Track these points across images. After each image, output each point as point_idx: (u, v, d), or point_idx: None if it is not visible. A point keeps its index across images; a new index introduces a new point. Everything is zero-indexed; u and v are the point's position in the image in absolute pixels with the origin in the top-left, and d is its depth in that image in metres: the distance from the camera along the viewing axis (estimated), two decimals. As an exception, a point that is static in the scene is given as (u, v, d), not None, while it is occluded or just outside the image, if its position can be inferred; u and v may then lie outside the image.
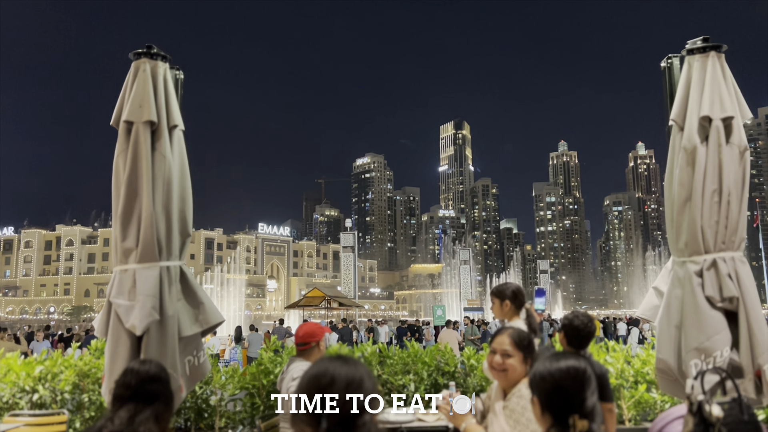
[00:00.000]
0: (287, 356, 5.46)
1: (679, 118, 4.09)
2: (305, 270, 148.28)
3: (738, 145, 3.95)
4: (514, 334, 2.80)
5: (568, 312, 4.56)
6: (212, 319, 4.21)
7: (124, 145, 4.04)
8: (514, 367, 2.73)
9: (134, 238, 3.97)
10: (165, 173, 4.05)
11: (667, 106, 4.50)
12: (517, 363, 2.74)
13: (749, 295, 3.84)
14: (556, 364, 1.84)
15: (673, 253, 4.10)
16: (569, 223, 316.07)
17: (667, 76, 4.65)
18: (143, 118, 4.01)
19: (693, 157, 3.95)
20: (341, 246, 50.10)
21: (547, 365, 1.85)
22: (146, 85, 4.09)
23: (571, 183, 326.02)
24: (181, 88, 4.69)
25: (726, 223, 3.91)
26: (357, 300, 47.34)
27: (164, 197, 4.03)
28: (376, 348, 5.59)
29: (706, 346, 3.76)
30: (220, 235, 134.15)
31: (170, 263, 4.06)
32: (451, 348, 5.54)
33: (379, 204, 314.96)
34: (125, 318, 3.88)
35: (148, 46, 4.21)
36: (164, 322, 3.93)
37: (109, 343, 3.98)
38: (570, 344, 3.88)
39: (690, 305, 3.88)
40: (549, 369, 1.84)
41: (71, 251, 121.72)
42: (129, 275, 3.96)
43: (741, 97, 4.09)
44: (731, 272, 3.86)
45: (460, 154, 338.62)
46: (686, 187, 3.98)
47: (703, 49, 4.11)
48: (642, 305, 4.34)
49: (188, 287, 4.20)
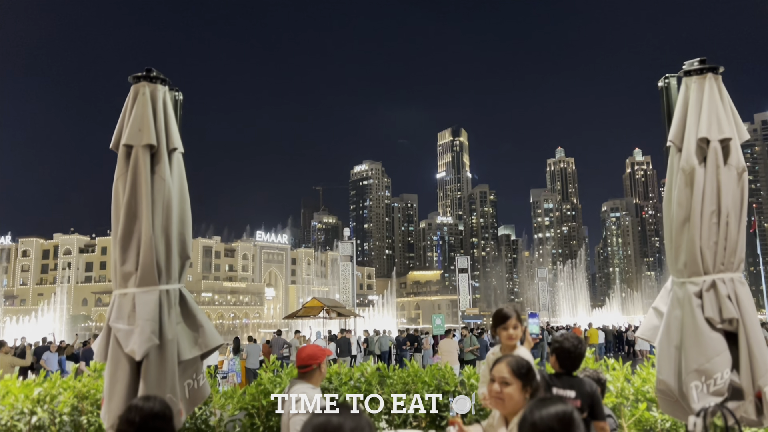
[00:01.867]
0: (287, 376, 5.45)
1: (677, 139, 4.11)
2: (303, 277, 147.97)
3: (736, 167, 3.97)
4: (512, 362, 2.79)
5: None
6: (212, 342, 4.20)
7: (124, 169, 4.04)
8: (512, 396, 2.72)
9: (134, 261, 3.97)
10: (164, 196, 4.04)
11: (665, 125, 4.51)
12: (515, 391, 2.73)
13: (749, 316, 3.84)
14: (545, 411, 1.88)
15: (672, 273, 4.10)
16: (567, 230, 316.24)
17: (664, 95, 4.67)
18: (143, 141, 4.01)
19: (691, 178, 3.97)
20: (339, 255, 50.09)
21: (536, 412, 1.90)
22: (146, 108, 4.09)
23: (569, 189, 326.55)
24: (180, 109, 4.69)
25: (725, 244, 3.92)
26: (355, 308, 47.27)
27: (164, 220, 4.03)
28: (375, 367, 5.59)
29: (707, 368, 3.77)
30: (218, 243, 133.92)
31: (170, 286, 4.06)
32: (452, 367, 5.54)
33: (377, 211, 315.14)
34: (125, 342, 3.87)
35: (148, 69, 4.22)
36: (164, 346, 3.92)
37: (108, 367, 3.96)
38: (561, 366, 3.88)
39: (690, 326, 3.88)
40: (540, 415, 1.89)
41: (69, 260, 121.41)
42: (128, 299, 3.96)
43: (738, 119, 4.12)
44: (731, 293, 3.87)
45: (457, 161, 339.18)
46: (685, 207, 3.99)
47: (700, 70, 4.13)
48: (642, 326, 4.34)
49: (187, 310, 4.19)
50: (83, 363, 15.46)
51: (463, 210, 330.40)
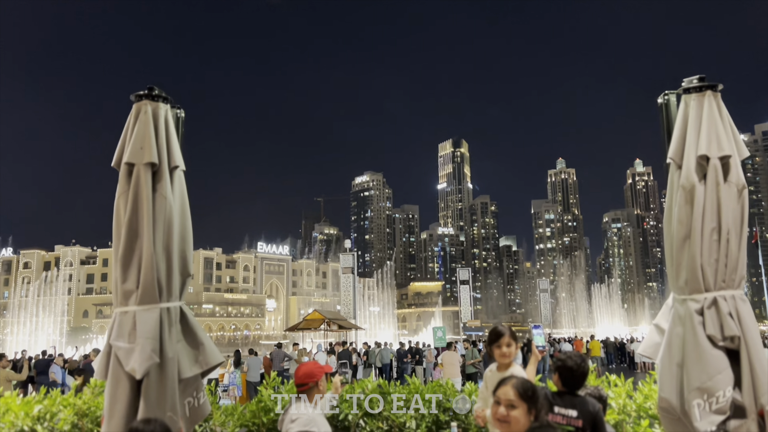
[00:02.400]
0: (287, 393, 5.43)
1: (677, 157, 4.12)
2: (304, 289, 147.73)
3: (736, 184, 3.98)
4: (518, 385, 2.79)
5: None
6: (212, 360, 4.19)
7: (125, 187, 4.06)
8: (518, 419, 2.72)
9: (135, 280, 3.97)
10: (166, 214, 4.06)
11: (665, 141, 4.52)
12: (521, 415, 2.72)
13: (750, 333, 3.83)
14: None
15: (673, 290, 4.10)
16: (568, 241, 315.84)
17: (664, 112, 4.68)
18: (144, 160, 4.03)
19: (691, 196, 3.97)
20: (341, 267, 50.01)
21: None
22: (147, 127, 4.12)
23: (570, 200, 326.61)
24: (182, 126, 4.71)
25: (726, 261, 3.92)
26: (357, 320, 47.15)
27: (165, 238, 4.04)
28: (376, 384, 5.57)
29: (709, 386, 3.75)
30: (219, 254, 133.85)
31: (170, 304, 4.06)
32: (453, 383, 5.52)
33: (378, 222, 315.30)
34: (125, 361, 3.87)
35: (150, 87, 4.24)
36: (164, 364, 3.92)
37: (108, 386, 3.95)
38: (564, 385, 3.87)
39: (691, 344, 3.87)
40: None
41: (70, 272, 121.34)
42: (129, 317, 3.96)
43: (738, 136, 4.13)
44: (732, 311, 3.86)
45: (458, 172, 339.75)
46: (685, 225, 3.99)
47: (699, 88, 4.15)
48: (643, 343, 4.33)
49: (188, 328, 4.20)
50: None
51: (465, 221, 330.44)
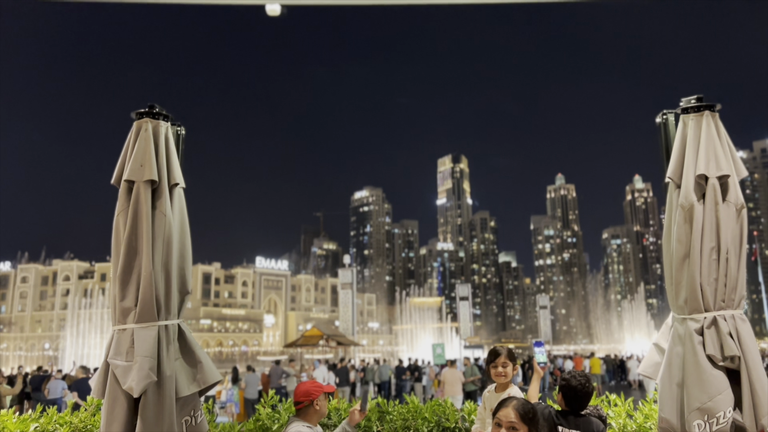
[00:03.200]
0: (285, 412, 5.40)
1: (675, 176, 4.14)
2: (303, 304, 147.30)
3: (735, 203, 3.99)
4: (519, 407, 2.78)
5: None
6: (210, 379, 4.17)
7: (125, 204, 4.07)
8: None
9: (133, 297, 3.97)
10: (165, 232, 4.06)
11: (663, 160, 4.54)
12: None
13: (751, 354, 3.82)
14: None
15: (673, 309, 4.10)
16: (568, 257, 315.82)
17: (662, 131, 4.70)
18: (144, 177, 4.04)
19: (690, 215, 3.99)
20: (339, 282, 49.86)
21: None
22: (148, 144, 4.13)
23: (569, 216, 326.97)
24: (182, 143, 4.73)
25: (725, 281, 3.92)
26: (355, 336, 46.95)
27: (164, 256, 4.04)
28: (375, 402, 5.53)
29: (709, 406, 3.73)
30: (217, 269, 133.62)
31: (169, 322, 4.05)
32: (452, 402, 5.49)
33: (377, 237, 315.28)
34: (123, 379, 3.85)
35: (151, 105, 4.27)
36: (162, 382, 3.90)
37: (105, 404, 3.93)
38: (568, 405, 3.86)
39: (691, 364, 3.86)
40: None
41: (68, 286, 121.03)
42: (127, 335, 3.94)
43: (736, 156, 4.15)
44: (732, 331, 3.85)
45: (458, 187, 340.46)
46: (684, 244, 4.00)
47: (697, 108, 4.18)
48: (643, 362, 4.32)
49: (186, 346, 4.18)
50: (76, 393, 15.32)
51: (464, 236, 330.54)
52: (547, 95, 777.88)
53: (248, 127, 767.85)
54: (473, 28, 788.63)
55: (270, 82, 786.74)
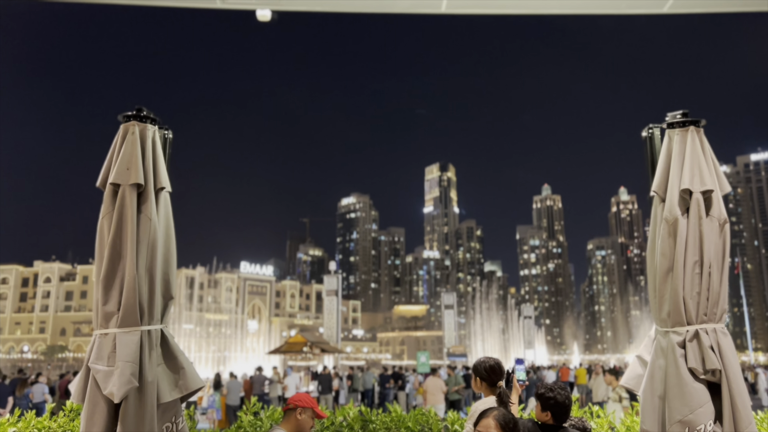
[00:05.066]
0: (267, 420, 5.36)
1: (660, 190, 4.19)
2: (287, 311, 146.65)
3: (718, 218, 4.04)
4: (500, 417, 2.78)
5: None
6: (192, 385, 4.13)
7: (110, 208, 4.03)
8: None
9: (116, 302, 3.92)
10: (150, 236, 4.03)
11: (649, 174, 4.60)
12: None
13: (732, 367, 3.86)
14: None
15: (656, 322, 4.13)
16: (553, 267, 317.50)
17: (648, 145, 4.75)
18: (130, 180, 4.00)
19: (674, 229, 4.03)
20: (325, 289, 49.72)
21: None
22: (134, 147, 4.10)
23: (555, 227, 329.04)
24: (169, 147, 4.69)
25: (708, 294, 3.96)
26: (339, 344, 46.76)
27: (148, 260, 4.01)
28: (357, 410, 5.51)
29: (690, 419, 3.76)
30: (201, 273, 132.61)
31: (152, 327, 4.01)
32: (435, 411, 5.47)
33: (363, 244, 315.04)
34: (103, 384, 3.80)
35: (138, 108, 4.24)
36: (143, 388, 3.86)
37: (85, 410, 3.88)
38: (554, 418, 3.86)
39: (673, 376, 3.90)
40: None
41: (48, 288, 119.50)
42: (109, 340, 3.89)
43: (720, 171, 4.21)
44: (713, 344, 3.89)
45: (445, 196, 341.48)
46: (668, 258, 4.04)
47: (682, 123, 4.23)
48: (626, 374, 4.35)
49: (169, 351, 4.13)
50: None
51: (450, 245, 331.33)
52: (534, 107, 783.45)
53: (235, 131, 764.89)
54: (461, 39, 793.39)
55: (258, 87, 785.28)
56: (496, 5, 6.95)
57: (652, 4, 6.51)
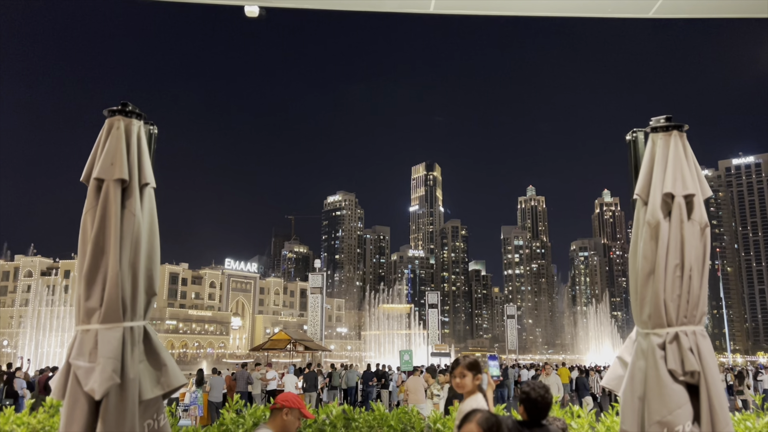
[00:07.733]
0: (250, 417, 5.33)
1: (643, 193, 4.23)
2: (271, 308, 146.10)
3: (699, 222, 4.09)
4: (483, 421, 2.79)
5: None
6: (174, 382, 4.10)
7: (94, 203, 3.99)
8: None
9: (98, 297, 3.89)
10: (134, 232, 3.99)
11: (632, 177, 4.64)
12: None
13: (710, 369, 3.92)
14: None
15: (637, 324, 4.18)
16: (536, 267, 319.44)
17: (632, 148, 4.80)
18: (114, 175, 3.97)
19: (656, 232, 4.07)
20: (309, 286, 49.57)
21: None
22: (119, 142, 4.06)
23: (539, 227, 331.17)
24: (154, 143, 4.66)
25: (688, 297, 4.01)
26: (323, 341, 46.67)
27: (131, 256, 3.97)
28: (341, 409, 5.51)
29: (669, 420, 3.81)
30: (185, 269, 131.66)
31: (134, 323, 3.98)
32: (419, 411, 5.50)
33: (348, 242, 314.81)
34: (84, 381, 3.76)
35: (123, 103, 4.20)
36: (125, 385, 3.82)
37: (65, 406, 3.84)
38: (529, 416, 3.94)
39: (653, 378, 3.94)
40: None
41: (29, 283, 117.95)
42: (91, 336, 3.86)
43: (701, 175, 4.26)
44: (693, 346, 3.94)
45: (430, 195, 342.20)
46: (650, 260, 4.08)
47: (666, 127, 4.28)
48: (606, 375, 4.39)
49: (151, 348, 4.10)
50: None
51: (435, 244, 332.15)
52: (520, 108, 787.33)
53: (221, 127, 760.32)
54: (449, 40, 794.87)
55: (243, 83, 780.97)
56: (483, 6, 6.98)
57: (638, 8, 6.57)
